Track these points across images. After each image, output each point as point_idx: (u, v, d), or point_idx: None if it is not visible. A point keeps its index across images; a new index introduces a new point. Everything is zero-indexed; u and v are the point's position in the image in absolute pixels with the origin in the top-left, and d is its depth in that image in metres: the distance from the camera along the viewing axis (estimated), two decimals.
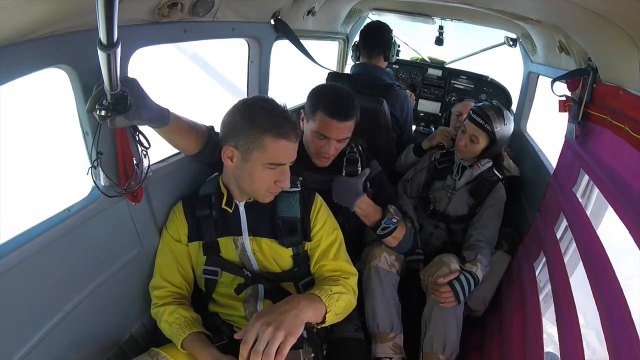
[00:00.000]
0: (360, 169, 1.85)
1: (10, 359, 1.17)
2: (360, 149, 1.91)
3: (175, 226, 1.57)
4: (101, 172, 1.29)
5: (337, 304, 1.41)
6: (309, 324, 1.39)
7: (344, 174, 1.84)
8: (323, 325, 1.40)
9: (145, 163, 1.40)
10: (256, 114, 1.35)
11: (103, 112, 1.10)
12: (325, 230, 1.59)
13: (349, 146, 1.88)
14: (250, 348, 1.16)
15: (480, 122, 2.04)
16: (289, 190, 1.53)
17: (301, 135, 1.77)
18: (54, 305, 1.30)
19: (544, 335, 1.55)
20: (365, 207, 1.80)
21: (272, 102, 1.39)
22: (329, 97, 1.74)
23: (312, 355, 1.35)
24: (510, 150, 2.76)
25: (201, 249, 1.56)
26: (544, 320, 1.64)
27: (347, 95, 1.78)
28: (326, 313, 1.37)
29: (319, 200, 1.62)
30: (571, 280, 1.61)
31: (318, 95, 1.77)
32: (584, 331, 1.34)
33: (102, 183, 1.31)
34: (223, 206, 1.52)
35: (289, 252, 1.56)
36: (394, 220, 1.78)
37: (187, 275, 1.60)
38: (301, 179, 1.60)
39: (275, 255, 1.56)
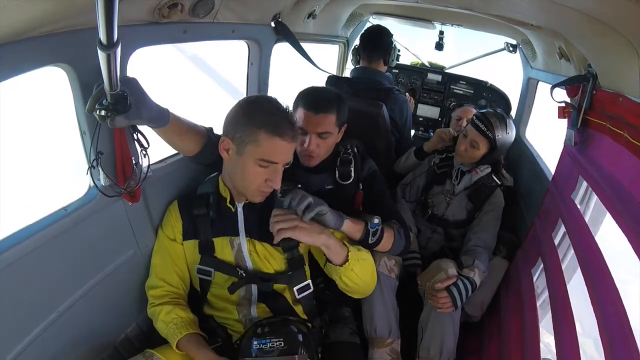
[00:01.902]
0: (353, 170, 1.82)
1: (3, 358, 1.16)
2: (355, 150, 1.89)
3: (170, 225, 1.57)
4: (101, 172, 1.29)
5: (358, 252, 1.49)
6: (303, 326, 1.40)
7: (337, 175, 1.81)
8: (346, 271, 1.45)
9: (145, 163, 1.40)
10: (256, 109, 1.36)
11: (103, 112, 1.10)
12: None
13: (344, 147, 1.87)
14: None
15: (482, 128, 2.05)
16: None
17: None
18: (49, 305, 1.30)
19: (541, 345, 1.54)
20: (350, 225, 1.57)
21: (274, 102, 1.40)
22: (307, 94, 1.76)
23: None
24: (506, 160, 2.75)
25: (197, 247, 1.55)
26: (541, 329, 1.63)
27: (327, 91, 1.80)
28: (349, 252, 1.45)
29: None
30: (569, 286, 1.60)
31: (299, 94, 1.78)
32: (581, 339, 1.34)
33: (102, 183, 1.31)
34: (227, 204, 1.52)
35: (283, 255, 1.56)
36: (376, 221, 1.61)
37: (182, 274, 1.60)
38: (300, 186, 1.58)
39: (270, 258, 1.55)
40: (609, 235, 1.66)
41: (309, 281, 1.60)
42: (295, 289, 1.57)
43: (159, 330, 1.52)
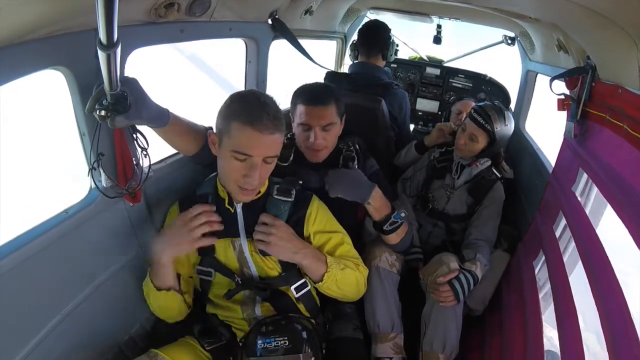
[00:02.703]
0: (356, 167, 1.84)
1: None
2: (357, 147, 1.90)
3: None
4: (102, 173, 1.29)
5: (340, 272, 1.48)
6: (307, 323, 1.40)
7: None
8: (322, 288, 1.48)
9: (146, 163, 1.40)
10: (234, 100, 1.34)
11: (103, 112, 1.10)
12: (329, 230, 1.58)
13: (346, 144, 1.87)
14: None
15: (481, 121, 2.05)
16: (281, 198, 1.52)
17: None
18: (52, 308, 1.30)
19: (544, 339, 1.55)
20: (379, 199, 1.69)
21: (256, 94, 1.35)
22: (303, 90, 1.78)
23: (312, 359, 1.35)
24: (506, 153, 2.74)
25: (197, 249, 1.55)
26: (544, 324, 1.64)
27: (322, 85, 1.83)
28: (325, 272, 1.45)
29: (315, 202, 1.60)
30: (570, 279, 1.60)
31: (295, 93, 1.80)
32: (583, 334, 1.34)
33: (104, 184, 1.31)
34: (226, 206, 1.50)
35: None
36: (402, 214, 1.73)
37: (183, 276, 1.57)
38: (298, 187, 1.57)
39: (269, 257, 1.54)
40: (608, 227, 1.66)
41: (305, 279, 1.57)
42: (292, 288, 1.56)
43: (150, 297, 1.53)
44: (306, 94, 1.74)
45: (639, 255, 1.12)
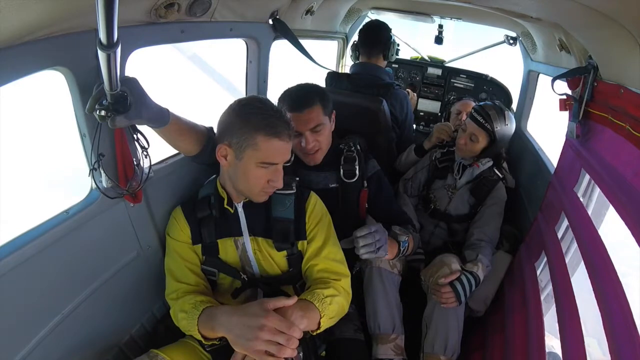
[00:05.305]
0: (357, 167, 1.84)
1: None
2: (359, 147, 1.90)
3: (179, 229, 1.54)
4: (103, 174, 1.29)
5: (330, 307, 1.39)
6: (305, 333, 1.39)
7: (341, 173, 1.84)
8: (318, 332, 1.38)
9: (146, 163, 1.41)
10: (250, 113, 1.35)
11: (103, 112, 1.11)
12: (320, 228, 1.57)
13: (347, 145, 1.87)
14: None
15: (481, 121, 2.04)
16: (284, 192, 1.53)
17: None
18: (53, 308, 1.30)
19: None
20: (391, 250, 1.74)
21: (266, 102, 1.40)
22: (286, 96, 1.77)
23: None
24: (507, 155, 2.72)
25: (200, 249, 1.55)
26: (545, 332, 1.63)
27: (304, 87, 1.80)
28: (320, 318, 1.36)
29: (313, 197, 1.61)
30: (572, 280, 1.60)
31: (279, 100, 1.79)
32: (585, 339, 1.33)
33: (104, 184, 1.31)
34: (225, 206, 1.51)
35: (283, 252, 1.55)
36: (405, 238, 1.78)
37: (200, 273, 1.56)
38: (298, 178, 1.59)
39: (273, 255, 1.55)
40: (610, 228, 1.65)
41: None
42: (298, 285, 1.57)
43: (182, 329, 1.42)
44: (290, 100, 1.73)
45: (639, 256, 1.12)
